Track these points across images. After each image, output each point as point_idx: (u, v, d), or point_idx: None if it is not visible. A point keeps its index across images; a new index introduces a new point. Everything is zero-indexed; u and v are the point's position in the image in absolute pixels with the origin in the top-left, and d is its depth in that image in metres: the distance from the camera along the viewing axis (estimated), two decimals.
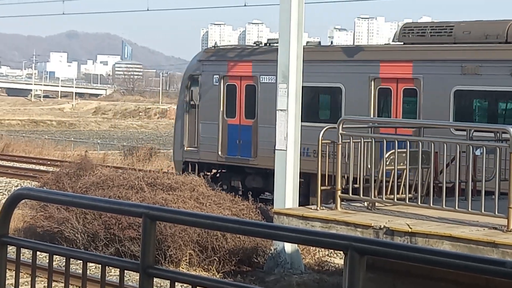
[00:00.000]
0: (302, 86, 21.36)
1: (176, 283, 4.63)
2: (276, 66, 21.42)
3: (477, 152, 15.71)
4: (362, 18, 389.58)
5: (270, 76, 29.16)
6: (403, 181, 15.46)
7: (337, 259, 21.01)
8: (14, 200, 5.24)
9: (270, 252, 20.35)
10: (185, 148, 32.31)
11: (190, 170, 29.98)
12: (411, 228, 13.78)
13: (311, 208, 17.09)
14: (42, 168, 37.68)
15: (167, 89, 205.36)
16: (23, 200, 5.56)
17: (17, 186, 32.38)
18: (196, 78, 32.89)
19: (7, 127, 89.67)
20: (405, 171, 15.47)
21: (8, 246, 5.16)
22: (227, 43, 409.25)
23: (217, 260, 19.76)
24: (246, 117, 31.29)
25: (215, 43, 37.08)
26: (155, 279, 4.59)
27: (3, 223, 5.17)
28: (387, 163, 15.42)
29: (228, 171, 32.37)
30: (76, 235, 20.84)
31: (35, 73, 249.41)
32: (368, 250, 3.96)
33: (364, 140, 15.67)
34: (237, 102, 31.79)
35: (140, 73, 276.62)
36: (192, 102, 32.62)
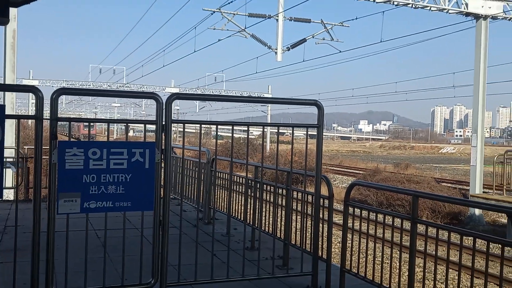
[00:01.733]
0: None
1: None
2: None
3: None
4: None
5: None
6: None
7: (503, 219, 18.86)
8: (352, 186, 5.24)
9: (467, 214, 18.83)
10: None
11: None
12: None
13: (489, 193, 15.69)
14: (356, 172, 37.36)
15: (415, 136, 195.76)
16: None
17: (346, 179, 32.41)
18: None
19: (340, 153, 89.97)
20: None
21: (349, 207, 5.17)
22: (443, 116, 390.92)
23: (440, 217, 18.59)
24: None
25: None
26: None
27: (347, 196, 5.18)
28: None
29: None
30: (372, 202, 20.46)
31: (353, 129, 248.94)
32: None
33: None
34: None
35: (401, 129, 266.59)
36: None
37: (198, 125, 4.73)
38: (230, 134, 4.90)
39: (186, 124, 4.66)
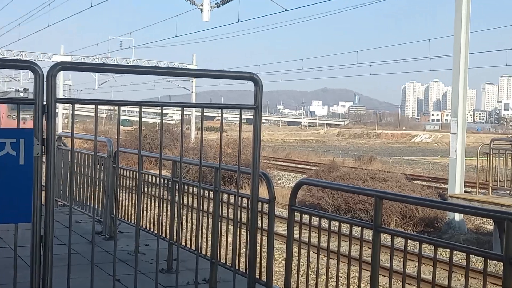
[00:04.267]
0: None
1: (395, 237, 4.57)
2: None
3: None
4: (504, 76, 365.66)
5: None
6: None
7: (488, 226, 19.89)
8: (299, 185, 5.34)
9: (446, 220, 19.72)
10: None
11: None
12: None
13: (472, 193, 16.47)
14: (307, 167, 38.09)
15: (381, 121, 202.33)
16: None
17: (294, 177, 32.95)
18: None
19: (287, 143, 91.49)
20: None
21: (295, 212, 5.26)
22: (416, 95, 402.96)
23: (413, 224, 19.34)
24: None
25: None
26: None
27: (293, 198, 5.28)
28: None
29: None
30: (328, 206, 20.95)
31: (303, 112, 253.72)
32: None
33: (508, 152, 14.87)
34: None
35: (364, 112, 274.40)
36: None
37: (94, 106, 4.62)
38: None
39: (76, 105, 4.54)
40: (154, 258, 6.18)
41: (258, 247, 5.32)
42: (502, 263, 3.62)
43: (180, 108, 5.04)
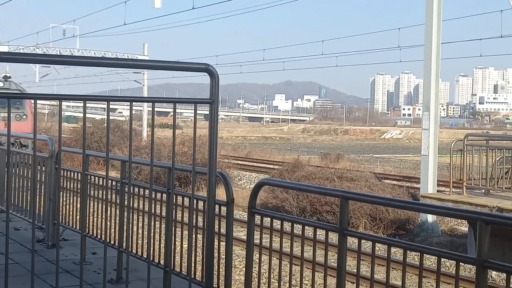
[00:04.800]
0: None
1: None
2: None
3: None
4: (478, 67, 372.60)
5: None
6: (509, 176, 14.89)
7: (463, 227, 20.28)
8: (259, 186, 5.35)
9: (418, 222, 20.03)
10: None
11: None
12: None
13: (445, 193, 16.75)
14: (270, 166, 38.24)
15: (349, 116, 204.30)
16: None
17: (256, 177, 33.02)
18: None
19: (248, 140, 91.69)
20: (510, 169, 14.97)
21: (256, 215, 5.27)
22: (386, 88, 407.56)
23: (383, 226, 19.58)
24: None
25: None
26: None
27: (253, 200, 5.29)
28: (498, 163, 14.94)
29: None
30: (292, 208, 21.07)
31: (265, 107, 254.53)
32: (491, 221, 3.79)
33: (482, 149, 15.15)
34: None
35: (331, 106, 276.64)
36: None
37: (33, 101, 4.55)
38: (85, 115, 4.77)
39: (12, 100, 4.46)
40: (102, 267, 6.12)
41: (216, 254, 5.31)
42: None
43: (129, 102, 5.00)
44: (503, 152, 15.25)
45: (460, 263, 3.99)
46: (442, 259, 4.14)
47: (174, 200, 6.00)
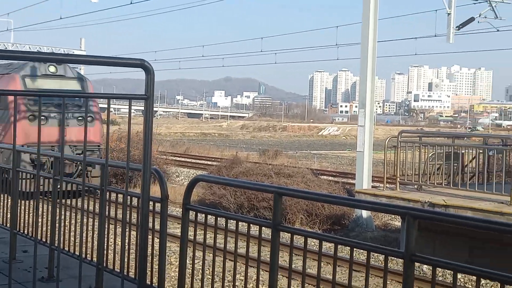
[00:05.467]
0: None
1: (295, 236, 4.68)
2: None
3: (490, 153, 15.34)
4: (414, 66, 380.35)
5: None
6: (441, 172, 15.26)
7: (397, 222, 20.71)
8: (194, 182, 5.36)
9: (353, 217, 20.33)
10: None
11: None
12: (445, 202, 13.63)
13: (379, 189, 17.05)
14: (208, 162, 38.19)
15: (287, 112, 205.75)
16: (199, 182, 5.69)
17: (193, 174, 32.92)
18: None
19: (187, 137, 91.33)
20: (442, 165, 15.34)
21: (190, 211, 5.28)
22: (324, 85, 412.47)
23: (319, 221, 19.82)
24: None
25: None
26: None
27: (187, 196, 5.29)
28: (430, 160, 15.31)
29: None
30: (230, 205, 21.10)
31: (204, 103, 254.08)
32: (419, 216, 3.91)
33: (416, 145, 15.50)
34: None
35: (270, 103, 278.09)
36: None
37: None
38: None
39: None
40: (33, 265, 6.03)
41: (150, 251, 5.29)
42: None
43: (61, 98, 4.92)
44: (435, 148, 15.62)
45: (390, 257, 4.10)
46: (374, 253, 4.25)
47: (108, 196, 5.94)
